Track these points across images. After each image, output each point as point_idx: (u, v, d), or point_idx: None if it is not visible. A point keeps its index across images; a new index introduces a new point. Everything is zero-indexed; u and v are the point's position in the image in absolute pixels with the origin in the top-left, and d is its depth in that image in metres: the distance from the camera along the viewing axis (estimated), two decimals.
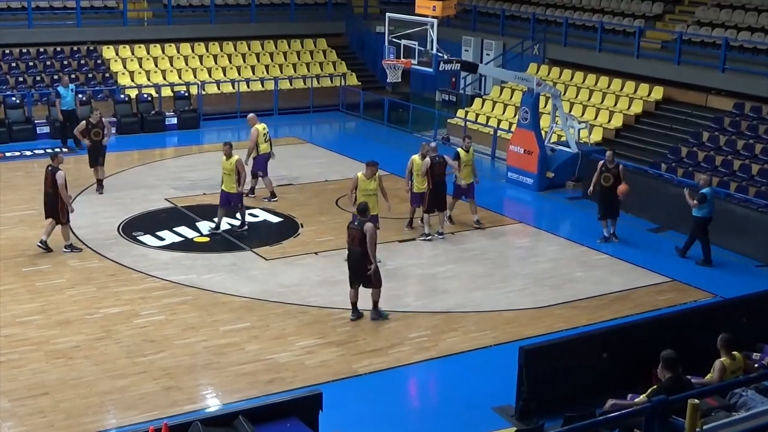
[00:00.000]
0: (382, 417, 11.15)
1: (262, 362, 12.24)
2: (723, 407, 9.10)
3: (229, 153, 17.00)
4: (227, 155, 17.02)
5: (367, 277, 13.31)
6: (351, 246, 13.36)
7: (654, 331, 11.80)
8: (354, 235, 13.22)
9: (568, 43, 26.55)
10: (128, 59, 28.07)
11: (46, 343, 12.57)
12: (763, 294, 13.31)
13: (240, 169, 16.99)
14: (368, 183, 15.56)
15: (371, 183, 15.58)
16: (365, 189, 15.49)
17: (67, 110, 23.31)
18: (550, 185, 20.87)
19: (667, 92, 23.90)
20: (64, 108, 23.29)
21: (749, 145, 20.66)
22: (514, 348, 11.22)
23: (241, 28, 30.29)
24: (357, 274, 13.37)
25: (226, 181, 17.06)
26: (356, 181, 15.61)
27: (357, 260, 13.27)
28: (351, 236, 13.31)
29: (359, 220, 13.28)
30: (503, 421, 10.89)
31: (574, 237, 17.93)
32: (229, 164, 16.94)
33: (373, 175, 15.58)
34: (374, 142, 25.30)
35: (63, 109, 23.30)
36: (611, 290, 15.17)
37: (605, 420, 7.87)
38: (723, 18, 24.41)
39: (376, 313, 13.59)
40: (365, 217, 13.40)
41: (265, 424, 8.42)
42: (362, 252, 13.16)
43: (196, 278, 15.04)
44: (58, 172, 15.68)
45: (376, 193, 15.56)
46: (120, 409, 11.00)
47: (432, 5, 21.00)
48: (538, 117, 21.28)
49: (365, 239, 13.07)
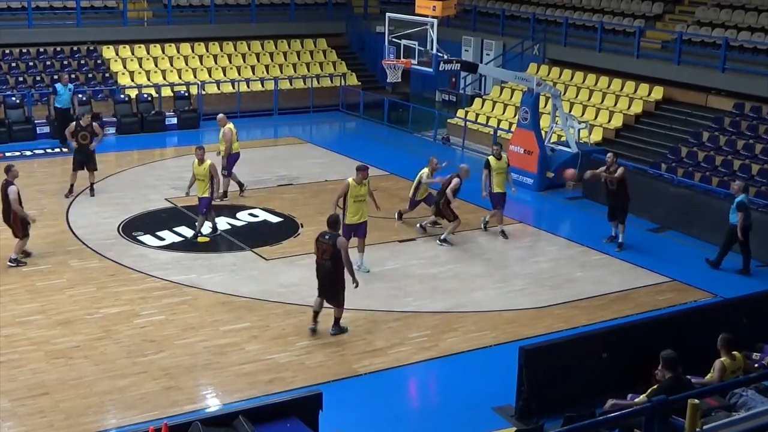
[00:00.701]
0: (382, 417, 11.15)
1: (262, 362, 12.24)
2: (723, 407, 9.10)
3: (202, 157, 16.48)
4: (200, 160, 16.48)
5: (335, 293, 12.81)
6: (320, 260, 12.77)
7: (654, 331, 11.80)
8: (325, 249, 12.63)
9: (568, 43, 26.56)
10: (128, 59, 28.07)
11: (46, 343, 12.57)
12: (763, 294, 13.32)
13: (214, 174, 16.59)
14: (359, 189, 15.04)
15: (362, 188, 15.09)
16: (356, 195, 14.97)
17: (62, 108, 23.13)
18: (550, 185, 20.88)
19: (667, 92, 23.90)
20: (58, 105, 23.14)
21: (749, 145, 20.66)
22: (514, 348, 11.22)
23: (241, 28, 30.29)
24: (326, 288, 12.89)
25: (199, 187, 16.59)
26: (346, 187, 14.97)
27: (327, 275, 12.75)
28: (321, 250, 12.68)
29: (330, 233, 12.70)
30: (503, 421, 10.89)
31: (574, 237, 17.93)
32: (202, 169, 16.47)
33: (364, 180, 15.13)
34: (374, 142, 25.31)
35: (57, 106, 23.16)
36: (611, 290, 15.17)
37: (605, 420, 7.88)
38: (723, 18, 24.42)
39: (337, 329, 13.05)
40: (336, 231, 12.88)
41: (265, 424, 8.41)
42: (332, 267, 12.63)
43: (196, 278, 15.04)
44: (11, 186, 15.17)
45: (366, 199, 15.17)
46: (120, 409, 11.00)
47: (432, 5, 21.00)
48: (538, 117, 21.29)
49: (337, 254, 12.56)
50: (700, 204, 18.11)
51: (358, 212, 15.01)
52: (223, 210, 18.35)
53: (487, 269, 16.01)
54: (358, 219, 15.06)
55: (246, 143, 21.85)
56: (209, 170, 16.53)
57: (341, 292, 12.87)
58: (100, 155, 20.26)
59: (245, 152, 20.30)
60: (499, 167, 17.47)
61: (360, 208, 15.00)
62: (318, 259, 12.87)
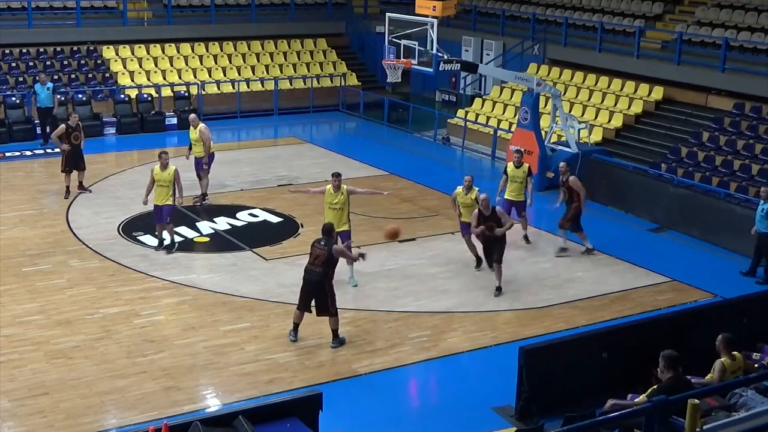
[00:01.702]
0: (382, 417, 11.15)
1: (262, 362, 12.24)
2: (723, 407, 9.10)
3: (167, 163, 15.86)
4: (164, 165, 15.81)
5: (326, 305, 12.42)
6: (311, 266, 12.38)
7: (654, 331, 11.79)
8: (318, 255, 12.33)
9: (568, 43, 26.55)
10: (128, 59, 28.07)
11: (46, 343, 12.57)
12: (763, 294, 13.33)
13: (177, 180, 15.91)
14: (334, 196, 14.46)
15: (338, 196, 14.44)
16: (331, 202, 14.46)
17: (43, 108, 23.09)
18: (550, 185, 20.85)
19: (667, 92, 23.89)
20: (39, 105, 23.12)
21: (749, 145, 20.66)
22: (514, 348, 11.22)
23: (241, 28, 30.29)
24: (311, 296, 12.47)
25: (160, 194, 15.79)
26: (323, 191, 14.70)
27: (316, 282, 12.34)
28: (314, 255, 12.38)
29: (326, 240, 12.47)
30: (503, 421, 10.89)
31: (574, 237, 17.91)
32: (166, 175, 15.78)
33: (339, 188, 14.49)
34: (374, 142, 25.31)
35: (38, 106, 23.13)
36: (611, 290, 15.17)
37: (605, 420, 7.86)
38: (723, 18, 24.41)
39: (337, 342, 12.67)
40: (331, 238, 12.64)
41: (265, 424, 8.41)
42: (323, 274, 12.29)
43: (196, 278, 15.04)
44: None
45: (343, 207, 14.53)
46: (120, 409, 11.00)
47: (432, 5, 20.99)
48: (538, 117, 21.28)
49: (330, 261, 12.27)
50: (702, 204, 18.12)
51: (335, 221, 14.05)
52: (223, 210, 18.37)
53: (487, 269, 15.97)
54: (337, 228, 14.04)
55: (246, 143, 21.88)
56: (174, 176, 15.88)
57: (333, 300, 12.49)
58: (101, 155, 20.34)
59: (245, 152, 20.34)
60: (515, 175, 16.96)
61: (336, 217, 14.31)
62: (308, 266, 12.49)
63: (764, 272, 15.85)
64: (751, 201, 17.64)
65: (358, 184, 20.63)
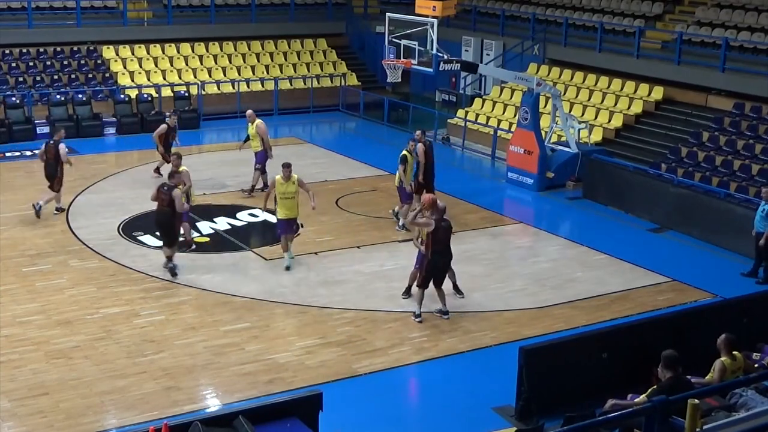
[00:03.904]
0: (382, 417, 11.15)
1: (262, 362, 12.23)
2: (723, 407, 9.10)
3: (179, 165, 15.76)
4: (177, 167, 15.65)
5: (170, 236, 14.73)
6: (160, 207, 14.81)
7: (654, 331, 11.80)
8: (163, 198, 14.64)
9: (568, 43, 26.55)
10: (128, 59, 28.07)
11: (46, 343, 12.57)
12: (763, 294, 13.32)
13: (187, 182, 15.73)
14: (285, 186, 15.11)
15: (289, 186, 15.11)
16: (282, 192, 15.11)
17: None
18: (550, 185, 20.87)
19: (667, 92, 23.89)
20: None
21: (749, 145, 20.66)
22: (514, 348, 11.22)
23: (241, 28, 30.28)
24: None
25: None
26: (273, 184, 15.33)
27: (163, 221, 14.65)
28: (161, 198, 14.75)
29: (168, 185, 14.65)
30: (503, 421, 10.89)
31: (574, 237, 17.93)
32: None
33: (290, 178, 15.12)
34: (374, 142, 25.31)
35: None
36: (611, 290, 15.16)
37: (605, 420, 7.86)
38: (723, 18, 24.41)
39: (172, 264, 14.74)
40: (173, 182, 14.68)
41: (265, 424, 8.41)
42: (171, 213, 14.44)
43: (196, 278, 15.04)
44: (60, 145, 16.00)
45: (295, 196, 15.17)
46: (120, 409, 11.00)
47: (432, 5, 20.98)
48: (538, 117, 21.27)
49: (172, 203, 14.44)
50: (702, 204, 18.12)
51: (286, 209, 15.19)
52: (223, 210, 18.37)
53: (487, 269, 15.99)
54: (287, 215, 15.27)
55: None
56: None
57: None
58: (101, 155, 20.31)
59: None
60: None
61: (287, 206, 15.15)
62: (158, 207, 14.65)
63: (764, 272, 15.85)
64: (751, 201, 17.65)
65: (358, 184, 20.72)
